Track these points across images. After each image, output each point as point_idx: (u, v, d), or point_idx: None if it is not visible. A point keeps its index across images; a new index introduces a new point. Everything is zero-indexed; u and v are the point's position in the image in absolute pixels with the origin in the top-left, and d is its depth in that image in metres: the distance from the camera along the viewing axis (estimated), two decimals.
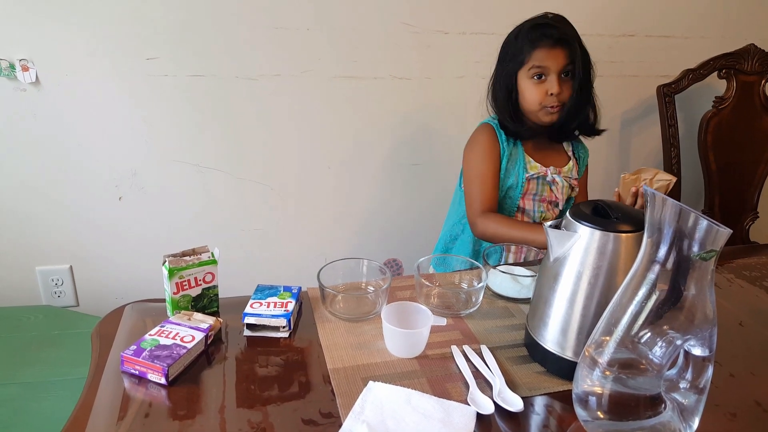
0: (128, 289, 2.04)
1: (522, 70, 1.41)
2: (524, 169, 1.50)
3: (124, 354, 0.93)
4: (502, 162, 1.50)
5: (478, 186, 1.49)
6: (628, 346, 0.77)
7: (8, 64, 1.68)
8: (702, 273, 0.73)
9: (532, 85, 1.41)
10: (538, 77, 1.40)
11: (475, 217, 1.47)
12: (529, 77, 1.40)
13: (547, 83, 1.39)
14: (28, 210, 1.87)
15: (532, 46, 1.38)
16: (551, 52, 1.37)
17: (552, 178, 1.53)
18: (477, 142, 1.53)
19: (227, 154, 1.95)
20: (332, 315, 1.12)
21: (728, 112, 2.11)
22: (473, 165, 1.51)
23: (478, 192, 1.48)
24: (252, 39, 1.82)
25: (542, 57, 1.38)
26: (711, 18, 2.17)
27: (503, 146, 1.49)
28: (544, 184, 1.54)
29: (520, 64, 1.41)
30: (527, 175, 1.50)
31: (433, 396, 0.89)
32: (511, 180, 1.50)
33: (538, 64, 1.38)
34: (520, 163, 1.50)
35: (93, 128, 1.82)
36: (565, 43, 1.37)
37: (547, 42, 1.37)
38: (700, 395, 0.78)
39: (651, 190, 0.73)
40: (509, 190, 1.51)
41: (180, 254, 1.09)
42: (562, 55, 1.38)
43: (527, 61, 1.39)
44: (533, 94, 1.41)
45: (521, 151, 1.51)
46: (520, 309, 1.17)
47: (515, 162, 1.51)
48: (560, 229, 0.93)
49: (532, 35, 1.39)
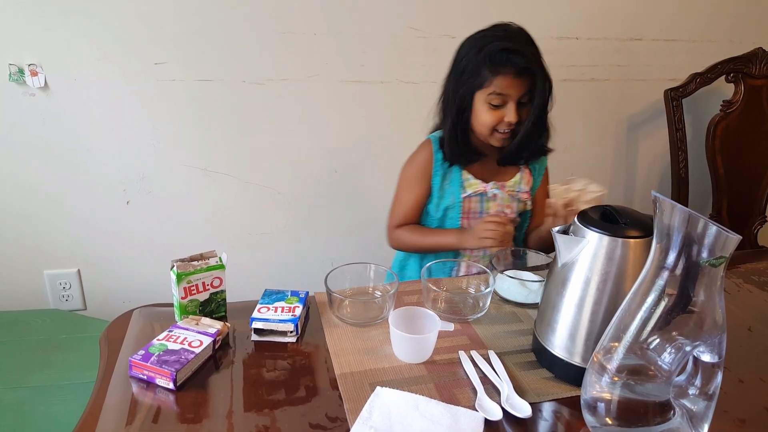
0: (135, 293, 2.05)
1: (480, 92, 1.31)
2: (461, 188, 1.43)
3: (133, 359, 0.93)
4: (436, 180, 1.44)
5: (399, 206, 1.49)
6: (637, 352, 0.77)
7: (17, 69, 1.69)
8: (711, 279, 0.72)
9: (489, 109, 1.32)
10: (495, 106, 1.31)
11: (390, 230, 1.51)
12: (486, 101, 1.31)
13: (505, 110, 1.31)
14: (37, 214, 1.88)
15: (494, 72, 1.28)
16: (514, 81, 1.28)
17: (492, 194, 1.45)
18: (412, 162, 1.48)
19: (234, 158, 1.95)
20: (339, 320, 1.12)
21: (736, 116, 2.10)
22: (403, 183, 1.49)
23: (399, 211, 1.48)
24: (260, 43, 1.82)
25: (504, 85, 1.28)
26: (719, 21, 2.16)
27: (437, 166, 1.43)
28: (487, 201, 1.46)
29: (479, 86, 1.31)
30: (464, 195, 1.43)
31: (441, 402, 0.89)
32: (448, 200, 1.44)
33: (499, 91, 1.29)
34: (455, 182, 1.44)
35: (101, 133, 1.83)
36: (529, 72, 1.28)
37: (511, 70, 1.27)
38: (709, 401, 0.77)
39: (660, 196, 0.73)
40: (447, 210, 1.45)
41: (188, 259, 1.09)
42: (524, 84, 1.29)
43: (487, 85, 1.29)
44: (488, 119, 1.32)
45: (458, 170, 1.44)
46: (528, 314, 1.16)
47: (451, 181, 1.44)
48: (568, 235, 0.93)
49: (495, 59, 1.27)
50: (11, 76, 1.70)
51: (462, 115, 1.35)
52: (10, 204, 1.85)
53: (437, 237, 1.44)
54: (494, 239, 1.31)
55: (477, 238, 1.33)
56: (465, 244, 1.38)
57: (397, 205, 1.49)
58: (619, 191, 2.39)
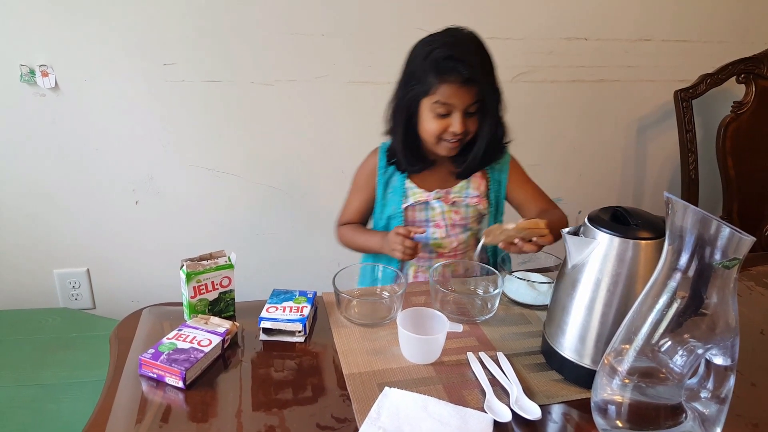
0: (144, 292, 2.05)
1: (426, 100, 1.26)
2: (402, 197, 1.40)
3: (143, 357, 0.94)
4: (379, 189, 1.42)
5: (346, 207, 1.51)
6: (648, 354, 0.76)
7: (28, 70, 1.70)
8: (724, 281, 0.72)
9: (434, 118, 1.26)
10: (441, 115, 1.26)
11: (336, 228, 1.53)
12: (431, 110, 1.26)
13: (451, 119, 1.25)
14: (47, 213, 1.89)
15: (439, 79, 1.22)
16: (459, 90, 1.22)
17: (435, 203, 1.40)
18: (360, 169, 1.48)
19: (243, 159, 1.96)
20: (347, 320, 1.12)
21: (747, 118, 2.09)
22: (352, 186, 1.50)
23: (345, 212, 1.51)
24: (268, 45, 1.83)
25: (449, 94, 1.22)
26: (729, 22, 2.15)
27: (380, 174, 1.41)
28: (432, 209, 1.41)
29: (425, 93, 1.25)
30: (405, 205, 1.40)
31: (450, 403, 0.89)
32: (390, 209, 1.42)
33: (443, 100, 1.23)
34: (398, 191, 1.40)
35: (110, 133, 1.84)
36: (475, 81, 1.22)
37: (456, 79, 1.21)
38: (721, 405, 0.77)
39: (673, 197, 0.72)
40: (390, 219, 1.42)
41: (197, 258, 1.09)
42: (470, 94, 1.23)
43: (432, 92, 1.24)
44: (434, 127, 1.27)
45: (401, 179, 1.40)
46: (537, 316, 1.16)
47: (394, 190, 1.41)
48: (579, 236, 0.92)
49: (441, 67, 1.21)
50: (22, 76, 1.71)
51: (410, 121, 1.31)
52: (21, 203, 1.86)
53: (365, 238, 1.44)
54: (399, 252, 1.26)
55: (389, 248, 1.30)
56: (384, 250, 1.35)
57: (346, 206, 1.51)
58: (628, 193, 2.38)
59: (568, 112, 2.17)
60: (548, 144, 2.21)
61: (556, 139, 2.21)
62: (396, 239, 1.27)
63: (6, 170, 1.82)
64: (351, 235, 1.47)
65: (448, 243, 1.40)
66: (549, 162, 2.24)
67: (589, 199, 2.33)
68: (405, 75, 1.31)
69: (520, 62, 2.04)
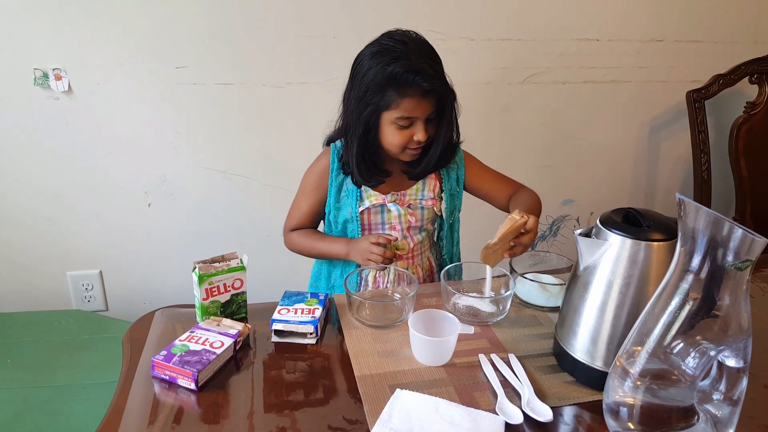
0: (156, 294, 2.07)
1: (386, 113, 1.24)
2: (358, 201, 1.36)
3: (155, 359, 0.94)
4: (331, 191, 1.38)
5: (296, 211, 1.44)
6: (661, 356, 0.76)
7: (42, 74, 1.72)
8: (737, 283, 0.71)
9: (397, 130, 1.25)
10: (403, 127, 1.24)
11: (284, 232, 1.47)
12: (393, 123, 1.24)
13: (413, 129, 1.24)
14: (60, 216, 1.91)
15: (401, 94, 1.20)
16: (421, 102, 1.21)
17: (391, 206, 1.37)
18: (310, 170, 1.43)
19: (254, 161, 1.97)
20: (359, 322, 1.12)
21: (760, 118, 2.07)
22: (300, 189, 1.44)
23: (294, 216, 1.44)
24: (279, 47, 1.83)
25: (411, 107, 1.21)
26: (742, 22, 2.13)
27: (332, 176, 1.37)
28: (387, 212, 1.38)
29: (386, 108, 1.23)
30: (362, 208, 1.36)
31: (461, 405, 0.89)
32: (345, 213, 1.38)
33: (407, 115, 1.22)
34: (352, 195, 1.37)
35: (123, 136, 1.85)
36: (435, 91, 1.22)
37: (417, 92, 1.20)
38: (734, 407, 0.76)
39: (685, 198, 0.72)
40: (346, 223, 1.39)
41: (210, 261, 1.10)
42: (431, 104, 1.23)
43: (394, 107, 1.22)
44: (398, 139, 1.25)
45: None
46: (549, 317, 1.16)
47: (348, 193, 1.37)
48: (591, 238, 0.92)
49: (401, 82, 1.19)
50: (36, 80, 1.73)
51: (368, 135, 1.28)
52: (34, 206, 1.88)
53: (326, 244, 1.38)
54: (377, 262, 1.24)
55: (362, 258, 1.27)
56: (352, 257, 1.31)
57: (294, 209, 1.45)
58: (640, 194, 2.37)
59: (581, 113, 2.17)
60: (560, 145, 2.20)
61: (568, 140, 2.21)
62: (375, 249, 1.24)
63: (19, 173, 1.84)
64: (306, 241, 1.41)
65: (405, 245, 1.37)
66: (561, 163, 2.23)
67: (602, 200, 2.32)
68: (358, 88, 1.25)
69: (532, 64, 2.03)
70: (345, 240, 1.36)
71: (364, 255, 1.26)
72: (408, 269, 1.41)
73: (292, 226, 1.45)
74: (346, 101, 1.32)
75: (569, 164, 2.25)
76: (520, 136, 2.15)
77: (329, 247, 1.38)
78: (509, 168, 2.27)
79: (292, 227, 1.45)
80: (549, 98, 2.10)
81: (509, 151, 2.17)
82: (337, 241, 1.37)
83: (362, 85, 1.24)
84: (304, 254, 1.44)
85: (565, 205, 2.31)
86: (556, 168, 2.24)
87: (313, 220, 1.45)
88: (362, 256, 1.27)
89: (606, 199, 2.31)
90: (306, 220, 1.44)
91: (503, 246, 1.13)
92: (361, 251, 1.27)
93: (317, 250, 1.41)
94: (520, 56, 2.01)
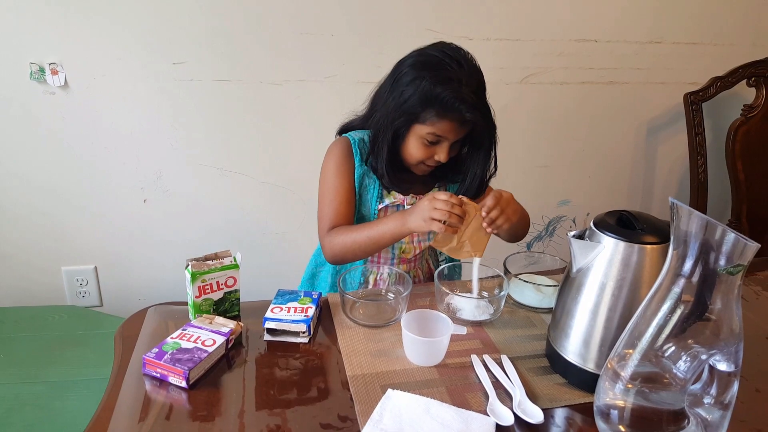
0: (151, 290, 2.07)
1: (418, 126, 1.21)
2: (378, 198, 1.33)
3: (146, 357, 0.94)
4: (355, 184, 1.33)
5: (328, 202, 1.31)
6: (652, 359, 0.76)
7: (38, 68, 1.72)
8: (729, 287, 0.71)
9: (422, 145, 1.22)
10: (430, 143, 1.22)
11: (323, 239, 1.30)
12: (421, 137, 1.22)
13: (437, 148, 1.23)
14: (55, 211, 1.91)
15: (440, 116, 1.17)
16: (457, 128, 1.20)
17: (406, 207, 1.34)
18: (330, 156, 1.35)
19: (251, 158, 1.96)
20: (352, 321, 1.12)
21: (757, 121, 2.07)
22: (325, 179, 1.34)
23: (329, 208, 1.30)
24: (277, 44, 1.83)
25: (446, 130, 1.19)
26: (740, 25, 2.13)
27: (357, 165, 1.32)
28: None
29: (421, 122, 1.20)
30: (380, 206, 1.33)
31: (452, 405, 0.88)
32: (364, 210, 1.35)
33: (439, 134, 1.20)
34: (374, 191, 1.33)
35: (120, 131, 1.85)
36: (474, 123, 1.20)
37: (458, 117, 1.17)
38: (724, 411, 0.76)
39: (677, 202, 0.72)
40: (362, 220, 1.35)
41: (203, 258, 1.10)
42: (464, 130, 1.22)
43: (428, 123, 1.19)
44: (420, 154, 1.24)
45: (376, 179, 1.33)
46: (542, 319, 1.16)
47: (368, 189, 1.34)
48: (584, 240, 0.92)
49: (445, 104, 1.16)
50: (32, 74, 1.72)
51: (395, 141, 1.25)
52: (30, 200, 1.88)
53: (375, 227, 1.23)
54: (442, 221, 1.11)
55: (424, 219, 1.13)
56: (410, 225, 1.17)
57: (325, 206, 1.32)
58: (637, 195, 2.37)
59: (578, 113, 2.17)
60: (558, 145, 2.20)
61: (565, 141, 2.21)
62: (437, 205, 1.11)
63: (15, 167, 1.83)
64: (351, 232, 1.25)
65: (411, 249, 1.37)
66: (558, 164, 2.23)
67: (598, 201, 2.32)
68: (399, 95, 1.21)
69: (530, 64, 2.03)
70: (397, 214, 1.24)
71: (428, 214, 1.12)
72: (410, 273, 1.41)
73: (331, 223, 1.29)
74: (380, 100, 1.28)
75: (566, 165, 2.25)
76: (517, 135, 2.15)
77: (380, 227, 1.22)
78: (506, 168, 2.27)
79: (331, 224, 1.29)
80: (547, 98, 2.10)
81: (506, 150, 2.15)
82: (387, 219, 1.23)
83: (404, 93, 1.20)
84: (351, 253, 1.26)
85: (561, 205, 2.31)
86: (553, 168, 2.24)
87: (351, 207, 1.32)
88: (424, 215, 1.13)
89: (603, 200, 2.32)
90: (347, 211, 1.31)
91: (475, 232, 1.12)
92: (422, 209, 1.14)
93: (365, 237, 1.23)
94: (518, 56, 2.01)
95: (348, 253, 1.26)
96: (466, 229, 1.13)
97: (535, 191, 2.27)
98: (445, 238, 1.15)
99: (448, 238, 1.14)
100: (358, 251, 1.25)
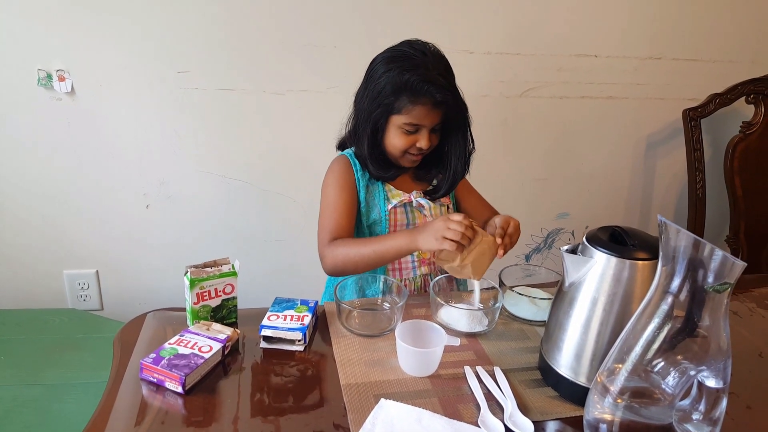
0: (151, 295, 2.08)
1: (395, 117, 1.28)
2: (386, 200, 1.38)
3: (144, 362, 0.95)
4: (360, 194, 1.38)
5: (328, 216, 1.34)
6: (641, 374, 0.77)
7: (45, 74, 1.74)
8: (716, 304, 0.72)
9: (402, 134, 1.29)
10: (409, 132, 1.29)
11: (323, 249, 1.32)
12: (400, 127, 1.28)
13: (418, 136, 1.29)
14: (59, 215, 1.92)
15: (413, 102, 1.24)
16: (431, 112, 1.26)
17: (417, 203, 1.40)
18: (330, 172, 1.40)
19: (253, 166, 1.98)
20: (348, 330, 1.13)
21: (756, 138, 2.09)
22: (325, 195, 1.38)
23: (328, 221, 1.33)
24: (280, 55, 1.85)
25: (421, 116, 1.26)
26: (740, 42, 2.15)
27: (358, 177, 1.38)
28: (412, 211, 1.41)
29: (397, 111, 1.27)
30: (390, 206, 1.38)
31: (444, 416, 0.89)
32: (374, 214, 1.39)
33: (415, 122, 1.26)
34: (380, 194, 1.39)
35: (124, 138, 1.87)
36: (446, 103, 1.26)
37: (429, 101, 1.24)
38: (713, 427, 0.77)
39: (666, 221, 0.73)
40: (374, 225, 1.39)
41: (202, 265, 1.11)
42: (440, 114, 1.28)
43: (403, 112, 1.26)
44: (401, 143, 1.30)
45: (380, 183, 1.40)
46: (536, 331, 1.17)
47: (374, 194, 1.39)
48: (577, 254, 0.93)
49: (415, 90, 1.23)
50: (39, 80, 1.74)
51: (376, 135, 1.33)
52: (34, 204, 1.90)
53: (382, 241, 1.26)
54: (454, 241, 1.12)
55: (435, 238, 1.14)
56: (419, 243, 1.19)
57: (326, 218, 1.35)
58: (635, 210, 2.38)
59: (577, 128, 2.18)
60: (557, 159, 2.22)
61: (564, 155, 2.22)
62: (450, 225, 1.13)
63: (20, 171, 1.85)
64: (354, 246, 1.28)
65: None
66: (557, 177, 2.25)
67: (597, 215, 2.33)
68: (372, 89, 1.29)
69: (530, 77, 2.05)
70: (404, 232, 1.27)
71: (439, 233, 1.13)
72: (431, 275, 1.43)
73: (331, 234, 1.31)
74: (358, 101, 1.36)
75: (565, 178, 2.26)
76: (517, 149, 2.17)
77: (387, 242, 1.24)
78: (506, 180, 2.30)
79: (331, 236, 1.31)
80: (546, 112, 2.12)
81: (506, 163, 2.18)
82: (395, 236, 1.26)
83: (377, 86, 1.28)
84: (352, 265, 1.28)
85: (560, 218, 2.32)
86: (552, 181, 2.26)
87: (351, 220, 1.36)
88: (436, 235, 1.14)
89: (601, 214, 2.33)
90: (347, 225, 1.34)
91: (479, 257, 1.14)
92: (435, 229, 1.15)
93: (370, 251, 1.25)
94: (519, 70, 2.03)
95: (349, 265, 1.28)
96: (470, 253, 1.14)
97: (535, 203, 2.28)
98: (448, 255, 1.16)
99: (452, 257, 1.16)
100: (361, 263, 1.27)
